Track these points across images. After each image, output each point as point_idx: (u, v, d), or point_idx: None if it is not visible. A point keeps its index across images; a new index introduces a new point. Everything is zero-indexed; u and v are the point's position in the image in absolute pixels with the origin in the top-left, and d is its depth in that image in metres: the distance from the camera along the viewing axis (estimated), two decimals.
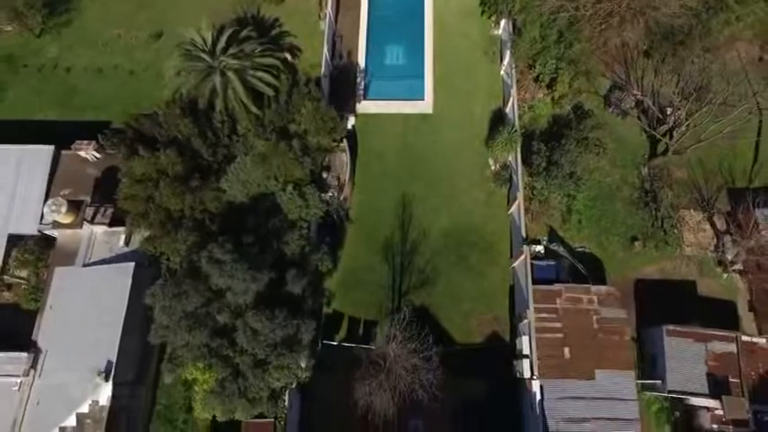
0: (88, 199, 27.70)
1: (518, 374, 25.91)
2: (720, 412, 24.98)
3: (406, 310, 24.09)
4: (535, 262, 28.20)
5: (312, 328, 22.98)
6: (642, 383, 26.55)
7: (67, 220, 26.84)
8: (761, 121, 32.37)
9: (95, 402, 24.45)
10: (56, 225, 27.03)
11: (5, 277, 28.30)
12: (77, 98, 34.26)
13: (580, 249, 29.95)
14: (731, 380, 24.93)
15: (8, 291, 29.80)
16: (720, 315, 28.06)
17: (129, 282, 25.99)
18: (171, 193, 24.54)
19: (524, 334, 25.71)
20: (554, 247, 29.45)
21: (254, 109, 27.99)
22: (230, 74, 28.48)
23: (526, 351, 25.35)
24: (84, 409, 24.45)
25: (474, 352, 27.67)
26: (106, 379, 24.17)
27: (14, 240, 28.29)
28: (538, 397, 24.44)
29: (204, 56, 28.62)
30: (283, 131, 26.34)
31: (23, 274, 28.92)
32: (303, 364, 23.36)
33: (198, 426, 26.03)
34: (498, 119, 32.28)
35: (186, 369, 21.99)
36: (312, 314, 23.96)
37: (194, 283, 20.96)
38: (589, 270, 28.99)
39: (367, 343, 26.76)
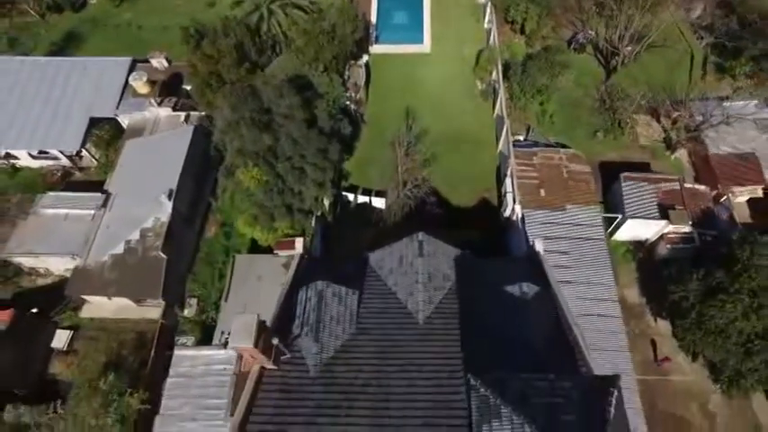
0: (161, 78, 34.96)
1: (504, 210, 31.43)
2: (673, 235, 30.28)
3: (411, 122, 30.24)
4: (516, 144, 34.86)
5: (338, 150, 29.12)
6: (609, 228, 31.82)
7: (145, 90, 33.80)
8: (692, 57, 40.77)
9: (157, 218, 29.64)
10: (135, 94, 33.92)
11: (83, 151, 34.53)
12: (145, 46, 42.62)
13: (553, 141, 36.59)
14: (677, 207, 30.37)
15: (80, 172, 36.06)
16: None
17: (190, 137, 32.20)
18: (230, 64, 31.82)
19: (508, 177, 31.63)
20: (531, 135, 36.20)
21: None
22: (274, 7, 37.14)
23: (509, 189, 31.15)
24: (149, 224, 29.64)
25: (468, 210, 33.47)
26: (169, 198, 29.60)
27: (94, 123, 34.95)
28: (520, 215, 29.79)
29: None
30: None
31: (97, 155, 35.26)
32: (329, 181, 29.11)
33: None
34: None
35: (239, 171, 27.62)
36: (338, 143, 30.05)
37: (252, 97, 27.46)
38: None
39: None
